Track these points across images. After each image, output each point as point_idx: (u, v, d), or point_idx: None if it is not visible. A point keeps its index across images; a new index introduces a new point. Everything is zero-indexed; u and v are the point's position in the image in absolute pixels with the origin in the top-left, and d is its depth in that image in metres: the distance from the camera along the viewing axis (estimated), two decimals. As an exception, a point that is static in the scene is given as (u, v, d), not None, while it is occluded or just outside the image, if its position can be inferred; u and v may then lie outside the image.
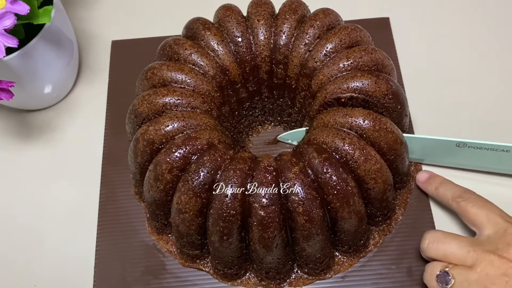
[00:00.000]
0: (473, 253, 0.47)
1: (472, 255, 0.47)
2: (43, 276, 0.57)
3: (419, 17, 0.71)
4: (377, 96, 0.52)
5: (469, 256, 0.48)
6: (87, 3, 0.74)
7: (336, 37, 0.55)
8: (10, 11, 0.52)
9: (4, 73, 0.57)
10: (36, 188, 0.62)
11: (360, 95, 0.52)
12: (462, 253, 0.48)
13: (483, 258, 0.47)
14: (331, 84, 0.53)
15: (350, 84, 0.52)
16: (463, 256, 0.48)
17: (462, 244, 0.49)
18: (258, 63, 0.57)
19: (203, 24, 0.57)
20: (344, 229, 0.51)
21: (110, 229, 0.58)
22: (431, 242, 0.50)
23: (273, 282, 0.54)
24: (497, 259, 0.46)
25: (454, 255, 0.48)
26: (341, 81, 0.52)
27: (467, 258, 0.48)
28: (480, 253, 0.47)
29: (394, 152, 0.52)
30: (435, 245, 0.50)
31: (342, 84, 0.52)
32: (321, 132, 0.51)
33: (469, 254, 0.48)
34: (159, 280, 0.55)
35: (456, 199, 0.53)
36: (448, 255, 0.49)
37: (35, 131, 0.65)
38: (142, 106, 0.53)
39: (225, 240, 0.50)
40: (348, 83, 0.52)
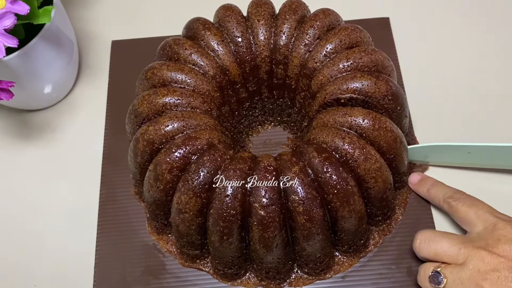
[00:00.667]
0: (464, 250, 0.48)
1: (463, 252, 0.48)
2: (43, 276, 0.57)
3: (419, 17, 0.71)
4: (377, 97, 0.52)
5: (461, 254, 0.48)
6: (87, 3, 0.74)
7: (336, 37, 0.55)
8: (10, 11, 0.52)
9: (4, 73, 0.57)
10: (36, 188, 0.62)
11: (360, 96, 0.52)
12: (453, 250, 0.48)
13: (474, 254, 0.47)
14: (331, 84, 0.53)
15: (350, 85, 0.52)
16: (454, 254, 0.48)
17: (453, 242, 0.49)
18: (258, 63, 0.57)
19: (203, 24, 0.57)
20: (344, 229, 0.51)
21: (110, 229, 0.58)
22: (422, 241, 0.51)
23: (273, 282, 0.54)
24: (487, 255, 0.47)
25: (446, 253, 0.49)
26: (341, 82, 0.52)
27: (458, 256, 0.48)
28: (471, 250, 0.47)
29: (394, 151, 0.52)
30: (427, 244, 0.50)
31: (341, 85, 0.52)
32: (320, 131, 0.51)
33: (460, 252, 0.48)
34: (159, 280, 0.55)
35: (447, 200, 0.54)
36: (440, 254, 0.49)
37: (35, 131, 0.65)
38: (142, 106, 0.53)
39: (225, 240, 0.50)
40: (348, 84, 0.52)
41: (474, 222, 0.50)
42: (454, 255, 0.48)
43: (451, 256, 0.48)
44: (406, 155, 0.54)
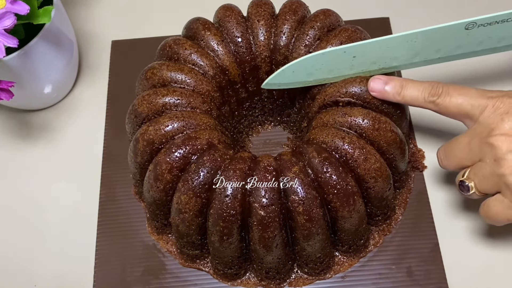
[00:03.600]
0: (475, 146, 0.47)
1: (475, 150, 0.47)
2: (43, 276, 0.57)
3: (419, 17, 0.71)
4: (375, 103, 0.52)
5: (474, 152, 0.47)
6: (87, 3, 0.74)
7: (337, 39, 0.55)
8: (10, 11, 0.52)
9: (4, 73, 0.57)
10: (36, 188, 0.62)
11: (358, 101, 0.52)
12: (466, 153, 0.48)
13: (484, 147, 0.46)
14: (331, 86, 0.53)
15: (349, 89, 0.52)
16: (469, 156, 0.48)
17: (462, 145, 0.48)
18: (258, 63, 0.57)
19: (203, 24, 0.57)
20: (344, 229, 0.51)
21: (110, 229, 0.58)
22: (442, 159, 0.51)
23: (273, 282, 0.54)
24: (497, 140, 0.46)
25: (463, 159, 0.48)
26: (341, 85, 0.53)
27: (473, 156, 0.47)
28: (480, 144, 0.47)
29: (394, 151, 0.52)
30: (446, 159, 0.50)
31: (341, 88, 0.53)
32: (320, 131, 0.51)
33: (472, 151, 0.47)
34: (159, 280, 0.55)
35: (430, 99, 0.50)
36: (460, 162, 0.49)
37: (35, 131, 0.65)
38: (142, 106, 0.53)
39: (225, 240, 0.50)
40: (347, 87, 0.52)
41: (470, 113, 0.48)
42: (470, 157, 0.48)
43: (469, 159, 0.48)
44: (406, 154, 0.54)
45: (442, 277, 0.54)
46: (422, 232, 0.56)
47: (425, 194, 0.58)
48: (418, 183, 0.59)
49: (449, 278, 0.54)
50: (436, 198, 0.58)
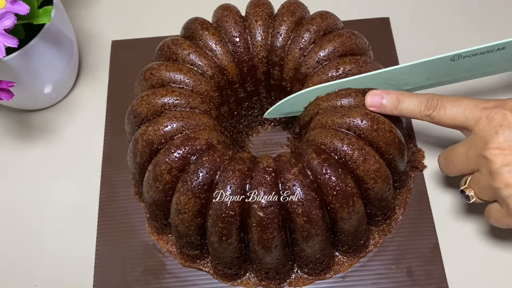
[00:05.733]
0: (471, 156, 0.48)
1: (472, 161, 0.48)
2: (43, 276, 0.57)
3: (419, 17, 0.71)
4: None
5: (471, 163, 0.48)
6: (87, 3, 0.74)
7: (330, 44, 0.55)
8: (10, 11, 0.52)
9: (4, 73, 0.57)
10: (36, 188, 0.62)
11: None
12: (463, 162, 0.48)
13: (481, 159, 0.47)
14: (324, 100, 0.54)
15: (343, 101, 0.53)
16: (467, 165, 0.48)
17: (459, 155, 0.49)
18: (255, 63, 0.57)
19: (201, 24, 0.57)
20: (344, 230, 0.51)
21: (110, 229, 0.58)
22: (442, 166, 0.51)
23: (273, 282, 0.54)
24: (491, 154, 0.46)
25: (461, 169, 0.49)
26: (334, 97, 0.53)
27: (470, 164, 0.48)
28: (477, 157, 0.47)
29: (393, 151, 0.52)
30: (446, 167, 0.51)
31: (335, 102, 0.53)
32: (319, 133, 0.51)
33: (469, 162, 0.48)
34: (159, 280, 0.55)
35: (426, 113, 0.50)
36: (459, 170, 0.50)
37: (35, 131, 0.66)
38: (141, 107, 0.53)
39: (224, 241, 0.50)
40: (341, 100, 0.53)
41: (465, 125, 0.49)
42: (468, 167, 0.48)
43: (467, 169, 0.49)
44: (406, 155, 0.54)
45: (442, 277, 0.54)
46: (422, 232, 0.56)
47: (425, 194, 0.58)
48: (418, 183, 0.59)
49: (449, 278, 0.54)
50: (436, 198, 0.58)
